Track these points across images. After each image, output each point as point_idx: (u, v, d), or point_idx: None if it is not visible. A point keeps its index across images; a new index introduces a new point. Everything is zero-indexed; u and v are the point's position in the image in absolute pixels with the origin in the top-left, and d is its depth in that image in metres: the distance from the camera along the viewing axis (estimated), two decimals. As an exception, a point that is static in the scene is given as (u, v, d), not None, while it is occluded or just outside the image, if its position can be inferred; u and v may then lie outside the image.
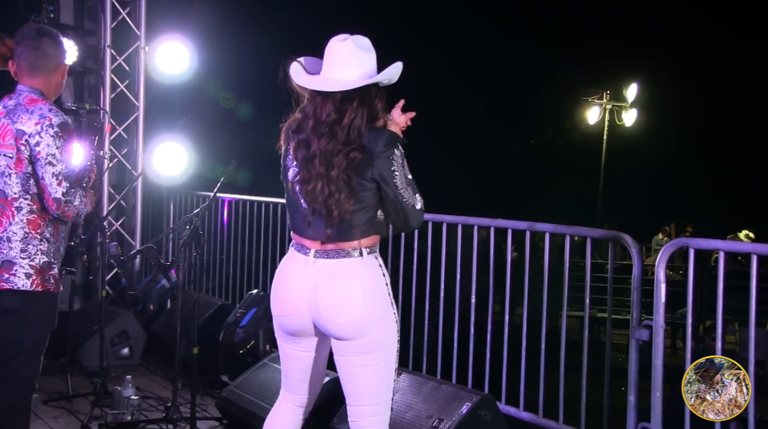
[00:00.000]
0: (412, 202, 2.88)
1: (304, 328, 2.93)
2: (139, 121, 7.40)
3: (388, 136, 2.83)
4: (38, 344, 3.40)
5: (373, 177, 2.81)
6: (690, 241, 3.70)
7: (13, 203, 3.31)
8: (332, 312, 2.82)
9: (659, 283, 3.70)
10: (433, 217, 4.99)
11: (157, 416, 4.84)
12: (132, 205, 7.46)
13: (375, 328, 2.84)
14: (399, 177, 2.84)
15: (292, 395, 3.11)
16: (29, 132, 3.28)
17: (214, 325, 5.85)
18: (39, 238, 3.33)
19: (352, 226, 2.84)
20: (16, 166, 3.30)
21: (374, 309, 2.85)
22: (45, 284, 3.34)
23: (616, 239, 4.06)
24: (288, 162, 2.92)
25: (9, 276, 3.29)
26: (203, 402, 5.13)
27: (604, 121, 19.85)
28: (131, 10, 7.36)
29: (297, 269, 2.89)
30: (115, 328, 6.13)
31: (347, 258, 2.85)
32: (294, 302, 2.89)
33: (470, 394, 4.10)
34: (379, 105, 2.89)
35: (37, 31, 3.45)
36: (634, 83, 19.63)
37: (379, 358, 2.87)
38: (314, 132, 2.83)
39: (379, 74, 2.87)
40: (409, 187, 2.87)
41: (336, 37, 2.88)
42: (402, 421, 4.16)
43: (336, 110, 2.81)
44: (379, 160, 2.80)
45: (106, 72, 7.22)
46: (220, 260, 7.01)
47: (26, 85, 3.41)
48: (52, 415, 4.88)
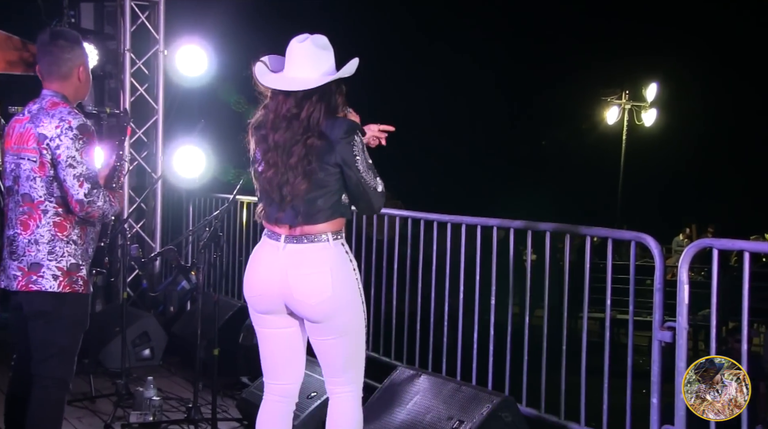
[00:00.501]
0: (374, 184, 3.08)
1: (273, 308, 3.12)
2: (159, 124, 7.45)
3: (348, 123, 3.03)
4: (70, 345, 3.46)
5: (336, 162, 3.00)
6: (714, 241, 3.66)
7: (39, 206, 3.36)
8: (304, 294, 3.02)
9: (682, 284, 3.66)
10: (452, 218, 4.98)
11: (179, 417, 4.87)
12: (152, 207, 7.50)
13: (344, 310, 3.07)
14: (360, 161, 3.02)
15: (276, 383, 3.24)
16: (50, 135, 3.32)
17: (234, 326, 5.86)
18: (66, 240, 3.38)
19: (318, 211, 3.03)
20: (39, 169, 3.35)
21: (343, 293, 3.05)
22: (73, 286, 3.39)
23: (638, 240, 4.03)
24: (256, 156, 3.13)
25: (37, 278, 3.34)
26: (224, 403, 5.14)
27: (623, 121, 19.72)
28: (150, 14, 7.40)
29: (268, 254, 3.10)
30: (137, 329, 6.17)
31: (316, 243, 3.04)
32: (264, 284, 3.10)
33: (491, 396, 4.08)
34: (339, 99, 3.07)
35: (51, 36, 3.47)
36: (653, 83, 19.50)
37: (349, 337, 3.12)
38: (272, 127, 3.05)
39: (339, 71, 3.06)
40: (370, 171, 3.06)
41: (296, 38, 3.08)
42: (422, 423, 4.15)
43: (296, 106, 3.02)
44: (341, 145, 2.99)
45: (126, 76, 7.27)
46: (239, 262, 7.02)
47: (49, 89, 3.45)
48: (76, 416, 4.92)
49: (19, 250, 3.36)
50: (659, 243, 4.00)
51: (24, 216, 3.36)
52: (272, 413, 3.26)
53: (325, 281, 3.03)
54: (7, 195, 3.45)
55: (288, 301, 3.08)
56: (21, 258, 3.36)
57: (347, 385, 3.20)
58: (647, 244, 3.93)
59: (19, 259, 3.36)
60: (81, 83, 3.52)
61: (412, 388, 4.43)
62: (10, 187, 3.42)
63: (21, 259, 3.36)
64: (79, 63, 3.48)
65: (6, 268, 3.41)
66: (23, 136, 3.38)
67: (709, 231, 14.18)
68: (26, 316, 3.41)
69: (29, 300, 3.38)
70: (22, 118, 3.44)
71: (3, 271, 3.44)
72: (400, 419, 4.27)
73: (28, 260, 3.34)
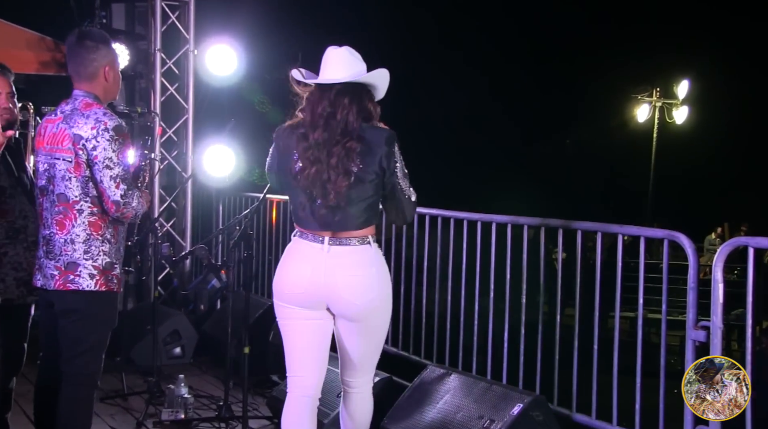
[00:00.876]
0: (408, 193, 3.27)
1: (314, 303, 3.24)
2: (189, 123, 7.49)
3: (389, 132, 3.21)
4: (100, 343, 3.50)
5: (376, 169, 3.15)
6: (749, 240, 3.60)
7: (74, 206, 3.38)
8: (353, 294, 3.17)
9: (716, 282, 3.60)
10: (482, 216, 4.96)
11: (210, 415, 4.89)
12: (182, 206, 7.55)
13: (382, 309, 3.28)
14: (399, 169, 3.20)
15: (300, 378, 3.32)
16: (86, 136, 3.34)
17: (263, 325, 5.88)
18: (101, 239, 3.41)
19: (358, 216, 3.18)
20: (75, 169, 3.37)
21: (384, 293, 3.27)
22: (108, 284, 3.43)
23: (671, 238, 3.97)
24: (291, 156, 3.22)
25: (74, 277, 3.37)
26: (254, 401, 5.17)
27: (653, 119, 19.52)
28: (180, 14, 7.46)
29: (313, 253, 3.21)
30: (168, 327, 6.22)
31: (359, 246, 3.20)
32: (309, 283, 3.20)
33: (522, 395, 4.06)
34: (370, 106, 3.24)
35: (78, 37, 3.49)
36: (685, 80, 19.27)
37: (378, 335, 3.35)
38: (311, 125, 3.18)
39: (367, 74, 3.23)
40: (406, 180, 3.25)
41: (331, 47, 3.28)
42: (453, 422, 4.14)
43: (330, 105, 3.16)
44: (383, 152, 3.15)
45: (157, 75, 7.32)
46: (269, 261, 7.04)
47: (80, 89, 3.47)
48: (108, 413, 4.97)
49: (56, 250, 3.39)
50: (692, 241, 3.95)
51: (60, 215, 3.39)
52: (297, 410, 3.31)
53: (371, 282, 3.21)
54: (42, 194, 3.47)
55: (331, 300, 3.21)
56: (58, 257, 3.39)
57: (365, 377, 3.40)
58: (680, 242, 3.88)
59: (56, 259, 3.39)
60: (109, 83, 3.52)
61: (443, 387, 4.42)
62: (44, 186, 3.45)
63: (58, 258, 3.39)
64: (105, 63, 3.48)
65: (43, 268, 3.44)
66: (57, 137, 3.40)
67: (742, 229, 14.02)
68: (57, 314, 3.45)
69: (63, 298, 3.41)
70: (54, 118, 3.46)
71: (39, 270, 3.47)
72: (430, 418, 4.26)
73: (65, 260, 3.38)
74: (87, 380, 3.47)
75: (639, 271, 4.17)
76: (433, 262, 5.36)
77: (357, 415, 3.42)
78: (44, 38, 7.20)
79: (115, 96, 3.68)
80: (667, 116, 19.49)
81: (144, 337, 5.94)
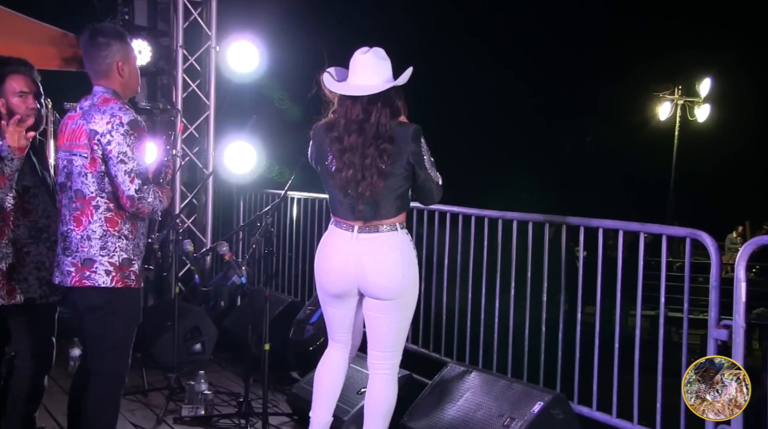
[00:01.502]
0: (437, 179, 3.52)
1: (346, 290, 3.56)
2: (210, 120, 7.51)
3: (415, 128, 3.43)
4: (125, 339, 3.49)
5: (407, 163, 3.41)
6: (772, 238, 3.58)
7: (90, 202, 3.37)
8: (378, 276, 3.45)
9: (739, 281, 3.58)
10: (503, 214, 4.94)
11: (230, 411, 4.91)
12: (203, 203, 7.58)
13: (408, 291, 3.51)
14: (426, 160, 3.44)
15: (338, 343, 3.76)
16: (101, 131, 3.33)
17: (283, 321, 5.90)
18: (117, 235, 3.39)
19: (390, 206, 3.45)
20: (90, 165, 3.36)
21: (410, 276, 3.51)
22: (125, 280, 3.40)
23: (693, 237, 3.95)
24: (326, 155, 3.51)
25: (90, 273, 3.36)
26: (274, 398, 5.17)
27: (675, 117, 19.39)
28: (202, 11, 7.47)
29: (342, 242, 3.50)
30: (188, 324, 6.24)
31: (387, 232, 3.47)
32: (339, 269, 3.52)
33: (542, 393, 4.05)
34: (399, 103, 3.46)
35: (90, 34, 3.47)
36: (707, 78, 19.12)
37: (403, 316, 3.55)
38: (345, 130, 3.42)
39: (398, 79, 3.45)
40: (433, 168, 3.49)
41: (359, 50, 3.47)
42: (473, 419, 4.13)
43: (363, 111, 3.40)
44: (411, 148, 3.40)
45: (179, 72, 7.34)
46: (288, 257, 7.06)
47: (98, 85, 3.47)
48: (129, 408, 4.99)
49: (72, 246, 3.38)
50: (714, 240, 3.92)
51: (77, 212, 3.38)
52: (333, 360, 3.75)
53: (396, 264, 3.46)
54: (61, 191, 3.48)
55: (361, 283, 3.51)
56: (74, 254, 3.38)
57: (390, 360, 3.60)
58: (703, 241, 3.85)
59: (72, 255, 3.38)
60: (125, 79, 3.49)
61: (463, 384, 4.42)
62: (63, 183, 3.45)
63: (74, 254, 3.38)
64: (118, 59, 3.46)
65: (60, 264, 3.44)
66: (75, 133, 3.40)
67: (764, 228, 13.91)
68: (81, 312, 3.45)
69: (83, 296, 3.41)
70: (74, 114, 3.47)
71: (57, 267, 3.47)
72: (450, 415, 4.26)
73: (81, 256, 3.37)
74: (113, 376, 3.47)
75: (661, 269, 4.14)
76: (454, 259, 5.35)
77: (380, 398, 3.60)
78: (67, 34, 7.24)
79: (135, 91, 3.66)
80: (689, 114, 19.36)
81: (164, 333, 5.97)
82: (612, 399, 4.30)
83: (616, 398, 4.29)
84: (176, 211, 6.86)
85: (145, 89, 7.55)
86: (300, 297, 6.76)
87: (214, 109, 7.52)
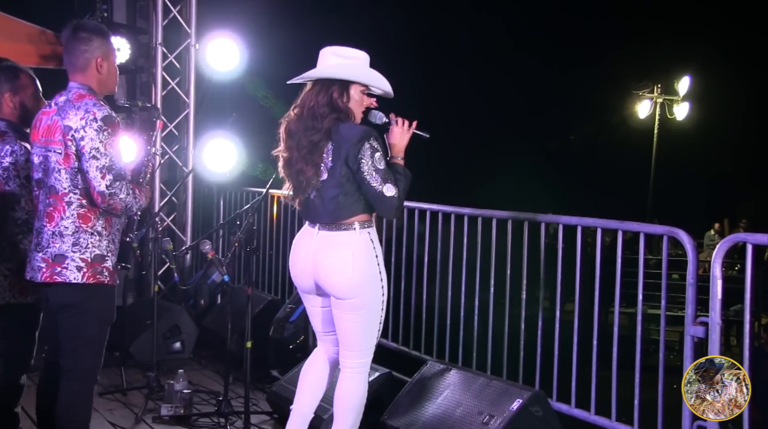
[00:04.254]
0: (380, 188, 3.37)
1: (308, 286, 3.59)
2: (190, 118, 7.48)
3: (362, 130, 3.40)
4: (98, 337, 3.46)
5: (345, 164, 3.37)
6: (748, 236, 3.60)
7: (63, 198, 3.36)
8: (328, 273, 3.45)
9: (715, 278, 3.61)
10: (483, 212, 4.96)
11: (209, 410, 4.90)
12: (183, 201, 7.55)
13: (362, 291, 3.43)
14: (365, 164, 3.35)
15: (320, 342, 3.77)
16: (74, 127, 3.31)
17: (264, 320, 5.89)
18: (90, 231, 3.37)
19: (342, 208, 3.42)
20: (64, 161, 3.34)
21: (362, 275, 3.43)
22: (98, 277, 3.38)
23: (670, 234, 3.98)
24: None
25: (61, 269, 3.34)
26: (254, 396, 5.15)
27: (654, 115, 19.53)
28: (182, 8, 7.44)
29: (305, 239, 3.56)
30: (168, 322, 6.22)
31: (344, 231, 3.45)
32: (300, 264, 3.56)
33: (521, 390, 4.07)
34: (339, 101, 3.45)
35: (72, 29, 3.46)
36: (686, 76, 19.28)
37: (362, 316, 3.47)
38: (294, 116, 3.54)
39: (323, 69, 3.49)
40: (377, 175, 3.36)
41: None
42: (452, 417, 4.15)
43: (304, 100, 3.50)
44: (349, 148, 3.35)
45: (158, 70, 7.31)
46: (269, 256, 7.05)
47: (74, 81, 3.46)
48: (107, 407, 4.97)
49: (44, 242, 3.37)
50: (692, 237, 3.95)
51: (50, 208, 3.37)
52: (315, 353, 3.79)
53: (346, 263, 3.42)
54: (38, 187, 3.46)
55: (316, 279, 3.52)
56: (45, 250, 3.36)
57: (356, 360, 3.56)
58: (680, 238, 3.88)
59: (44, 251, 3.36)
60: (102, 75, 3.48)
61: (443, 382, 4.43)
62: (40, 179, 3.44)
63: (45, 250, 3.36)
64: (98, 54, 3.45)
65: (31, 260, 3.42)
66: (50, 129, 3.39)
67: (741, 225, 14.03)
68: (54, 309, 3.43)
69: (55, 292, 3.39)
70: (49, 110, 3.45)
71: (29, 263, 3.45)
72: (430, 413, 4.27)
73: (52, 252, 3.34)
74: (86, 375, 3.45)
75: (639, 266, 4.17)
76: (434, 257, 5.36)
77: (344, 395, 3.58)
78: (45, 32, 7.19)
79: (113, 89, 3.63)
80: (668, 112, 19.50)
81: (144, 332, 5.95)
82: (590, 396, 4.32)
83: (594, 395, 4.31)
84: (156, 209, 6.84)
85: (124, 87, 7.52)
86: (280, 295, 6.76)
87: (193, 107, 7.49)
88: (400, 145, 3.52)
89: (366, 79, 3.52)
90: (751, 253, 3.57)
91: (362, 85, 3.52)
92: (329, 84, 3.45)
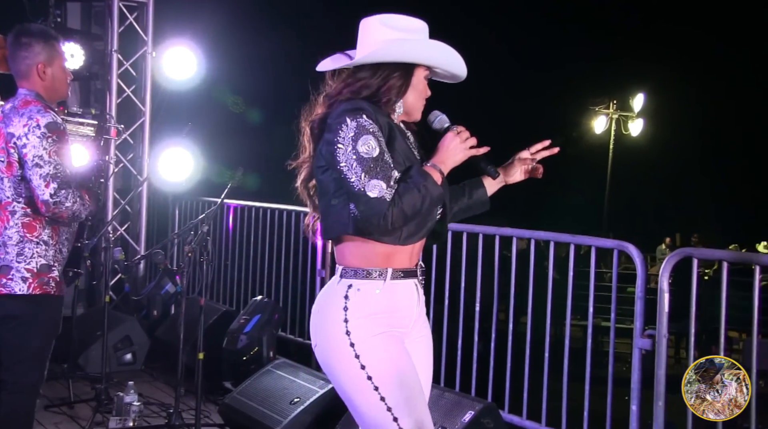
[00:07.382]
0: (360, 185, 2.23)
1: None
2: (145, 126, 7.41)
3: (342, 109, 2.32)
4: (42, 349, 3.36)
5: (321, 156, 2.34)
6: (694, 250, 3.70)
7: (6, 208, 3.28)
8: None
9: (662, 292, 3.68)
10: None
11: (160, 422, 4.83)
12: (137, 210, 7.46)
13: (330, 366, 2.38)
14: (342, 151, 2.25)
15: None
16: (17, 134, 3.24)
17: (217, 331, 5.84)
18: (36, 241, 3.29)
19: (325, 224, 2.40)
20: (7, 169, 3.27)
21: (326, 347, 2.37)
22: (44, 287, 3.30)
23: (620, 248, 4.05)
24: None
25: (6, 280, 3.25)
26: (206, 408, 5.11)
27: (610, 131, 19.83)
28: (138, 15, 7.37)
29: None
30: (119, 333, 6.13)
31: (334, 277, 2.42)
32: None
33: (473, 402, 4.08)
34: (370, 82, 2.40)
35: (13, 34, 3.40)
36: (640, 93, 19.63)
37: (346, 397, 2.39)
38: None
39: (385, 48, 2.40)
40: (359, 166, 2.24)
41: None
42: (404, 428, 4.14)
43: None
44: (325, 136, 2.32)
45: (113, 77, 7.23)
46: (224, 266, 7.00)
47: (22, 87, 3.39)
48: (53, 421, 4.88)
49: None
50: (642, 252, 4.02)
51: None
52: None
53: (313, 326, 2.43)
54: None
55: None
56: None
57: None
58: (629, 252, 3.96)
59: None
60: (46, 82, 3.39)
61: (395, 393, 4.41)
62: None
63: None
64: (38, 60, 3.36)
65: None
66: None
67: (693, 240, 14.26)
68: None
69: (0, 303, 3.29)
70: None
71: None
72: (381, 425, 4.25)
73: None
74: (27, 389, 3.34)
75: (590, 279, 4.24)
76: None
77: None
78: (-4, 36, 7.08)
79: (63, 95, 3.55)
80: (623, 128, 19.81)
81: (93, 343, 5.85)
82: (542, 407, 4.36)
83: (545, 406, 4.35)
84: (108, 218, 6.75)
85: (78, 93, 7.42)
86: (235, 306, 6.71)
87: (149, 115, 7.42)
88: (447, 155, 2.63)
89: (441, 59, 2.51)
90: (696, 268, 3.66)
91: (427, 67, 2.51)
92: (389, 69, 2.41)
